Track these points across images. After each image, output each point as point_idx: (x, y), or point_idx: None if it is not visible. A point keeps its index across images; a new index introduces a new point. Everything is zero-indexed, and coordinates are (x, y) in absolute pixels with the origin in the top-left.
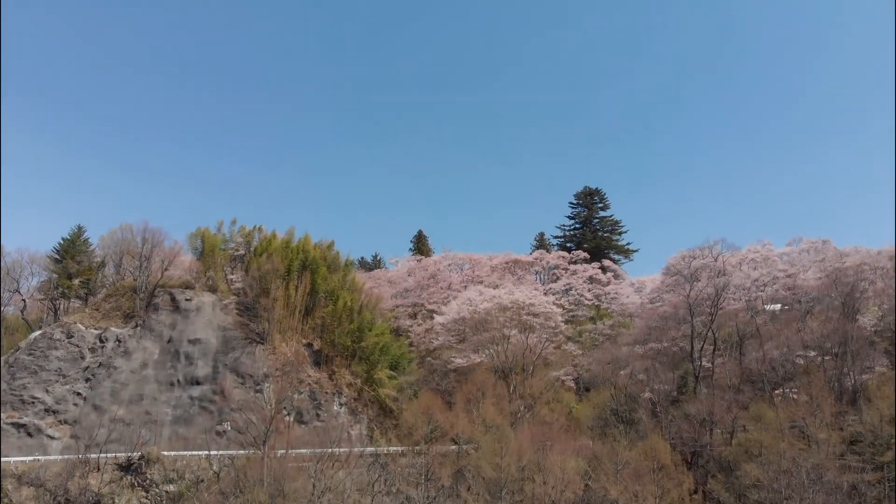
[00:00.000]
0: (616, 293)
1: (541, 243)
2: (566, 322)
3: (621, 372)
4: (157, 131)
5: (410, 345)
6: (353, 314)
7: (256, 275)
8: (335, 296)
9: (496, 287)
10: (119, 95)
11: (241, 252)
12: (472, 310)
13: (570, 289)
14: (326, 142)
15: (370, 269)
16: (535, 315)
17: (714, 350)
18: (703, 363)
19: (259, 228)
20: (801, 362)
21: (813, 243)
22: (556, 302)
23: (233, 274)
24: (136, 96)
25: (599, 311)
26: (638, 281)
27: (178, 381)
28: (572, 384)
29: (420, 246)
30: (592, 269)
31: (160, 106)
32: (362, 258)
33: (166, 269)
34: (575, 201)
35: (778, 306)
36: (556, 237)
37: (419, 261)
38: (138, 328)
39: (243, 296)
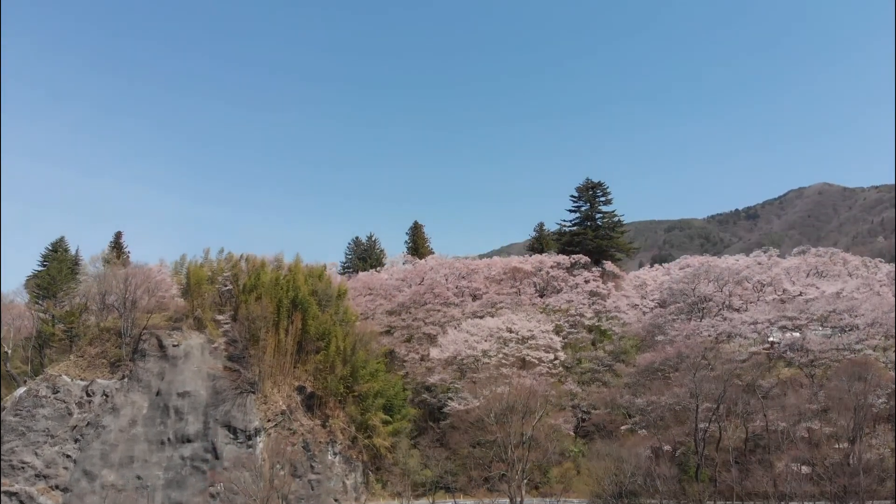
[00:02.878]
0: (616, 308)
1: (540, 235)
2: (564, 347)
3: (622, 429)
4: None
5: (405, 375)
6: (346, 355)
7: (245, 322)
8: (327, 337)
9: (494, 307)
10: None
11: (229, 287)
12: (469, 353)
13: (571, 305)
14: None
15: (365, 257)
16: (536, 348)
17: (719, 441)
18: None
19: (246, 258)
20: (805, 435)
21: (819, 256)
22: (556, 322)
23: (221, 315)
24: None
25: (600, 330)
26: (637, 277)
27: (169, 439)
28: (570, 431)
29: (416, 239)
30: (594, 281)
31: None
32: (356, 238)
33: (151, 314)
34: (576, 195)
35: (781, 337)
36: (555, 234)
37: (414, 265)
38: (125, 379)
39: (232, 345)
